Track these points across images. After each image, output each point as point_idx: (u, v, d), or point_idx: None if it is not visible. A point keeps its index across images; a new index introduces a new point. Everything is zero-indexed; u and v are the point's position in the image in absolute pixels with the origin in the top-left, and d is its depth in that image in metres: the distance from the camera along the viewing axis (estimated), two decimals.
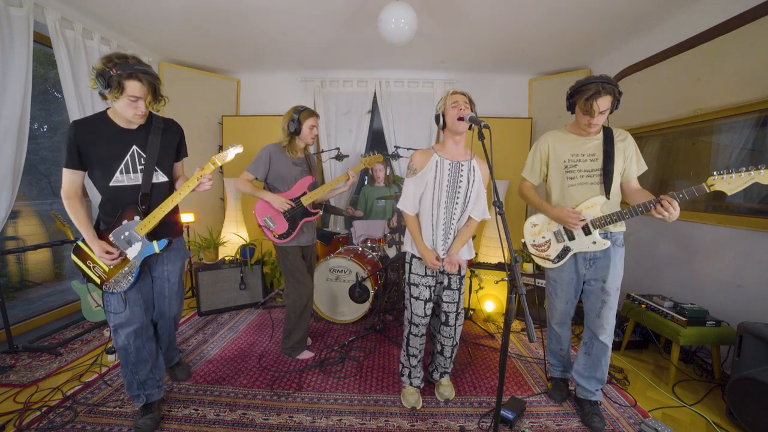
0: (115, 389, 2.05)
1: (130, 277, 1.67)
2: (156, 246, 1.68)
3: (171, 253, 1.81)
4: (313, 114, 2.30)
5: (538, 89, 4.17)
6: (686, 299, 2.46)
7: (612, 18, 2.80)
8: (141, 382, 1.75)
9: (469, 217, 1.86)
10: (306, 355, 2.47)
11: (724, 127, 2.45)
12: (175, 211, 1.83)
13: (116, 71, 1.44)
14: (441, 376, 2.08)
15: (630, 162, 1.75)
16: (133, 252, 1.66)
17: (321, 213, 2.55)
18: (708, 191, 1.50)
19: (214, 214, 4.26)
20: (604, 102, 1.62)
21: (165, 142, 1.70)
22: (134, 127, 1.63)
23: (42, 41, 2.72)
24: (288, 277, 2.35)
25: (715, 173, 1.49)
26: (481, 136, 1.46)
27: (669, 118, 2.70)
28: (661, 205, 1.54)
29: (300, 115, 2.25)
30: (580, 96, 1.67)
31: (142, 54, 3.52)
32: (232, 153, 1.71)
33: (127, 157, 1.62)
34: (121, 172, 1.61)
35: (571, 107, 1.76)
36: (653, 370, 2.42)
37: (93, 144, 1.56)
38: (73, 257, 1.68)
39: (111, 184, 1.61)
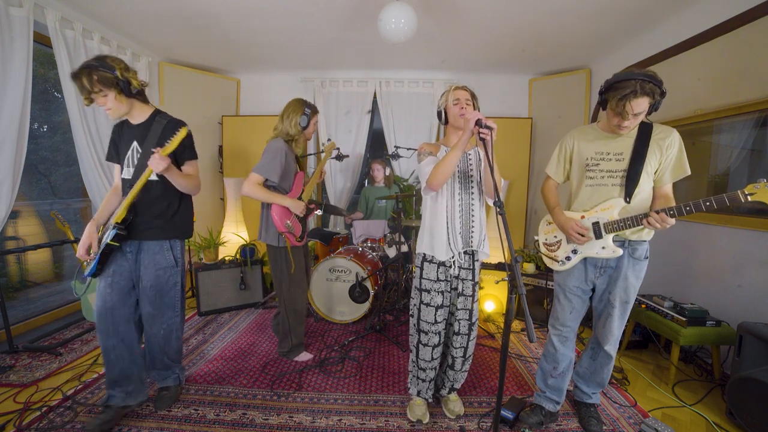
0: None
1: (92, 263, 1.67)
2: (109, 234, 1.62)
3: (145, 257, 1.73)
4: (317, 111, 2.32)
5: (538, 89, 4.17)
6: (686, 299, 2.46)
7: (612, 18, 2.79)
8: (111, 380, 1.75)
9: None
10: (305, 356, 2.42)
11: (724, 127, 2.45)
12: (167, 212, 1.75)
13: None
14: (449, 392, 1.93)
15: (667, 165, 1.56)
16: (104, 239, 1.65)
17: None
18: (743, 201, 1.30)
19: (214, 214, 4.26)
20: (639, 104, 1.43)
21: (162, 140, 1.64)
22: (137, 123, 1.69)
23: (42, 41, 2.72)
24: (287, 280, 2.23)
25: (761, 180, 1.27)
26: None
27: (669, 118, 2.70)
28: (651, 221, 1.46)
29: (311, 110, 2.23)
30: (613, 93, 1.46)
31: (142, 54, 3.51)
32: (177, 138, 1.60)
33: (129, 152, 1.69)
34: (125, 166, 1.70)
35: (602, 104, 1.55)
36: (653, 370, 2.42)
37: (117, 141, 1.72)
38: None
39: (123, 176, 1.71)
